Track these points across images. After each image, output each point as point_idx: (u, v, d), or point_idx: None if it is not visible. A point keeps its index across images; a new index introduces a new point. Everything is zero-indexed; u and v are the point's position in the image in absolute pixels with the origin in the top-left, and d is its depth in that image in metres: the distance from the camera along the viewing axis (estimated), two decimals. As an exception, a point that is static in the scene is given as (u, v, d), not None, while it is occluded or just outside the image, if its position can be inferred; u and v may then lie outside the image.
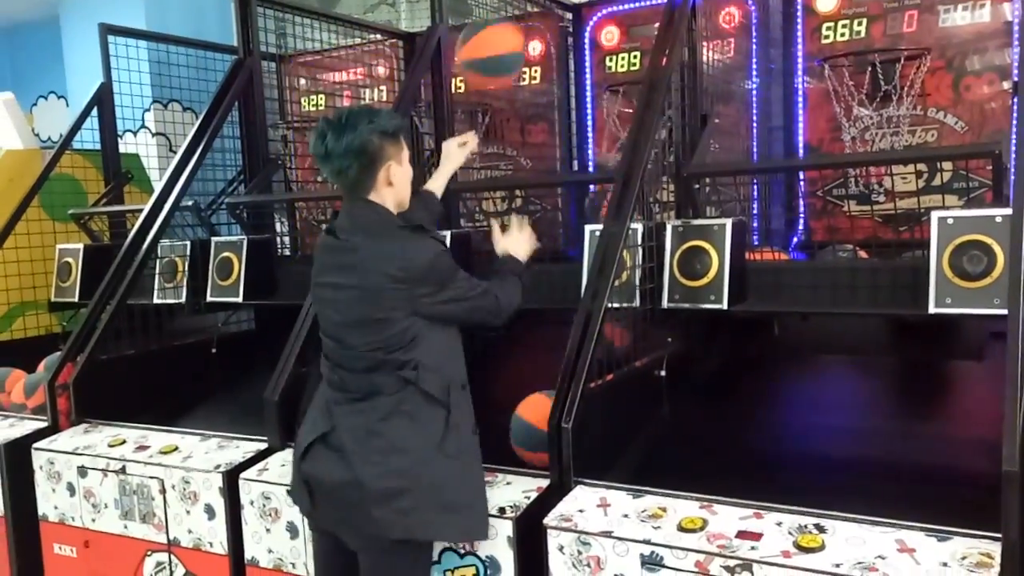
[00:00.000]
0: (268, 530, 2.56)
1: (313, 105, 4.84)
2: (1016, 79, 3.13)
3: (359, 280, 2.05)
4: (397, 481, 2.00)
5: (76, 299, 4.23)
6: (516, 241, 2.39)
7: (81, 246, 4.31)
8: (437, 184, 2.65)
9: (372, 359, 2.04)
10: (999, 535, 1.70)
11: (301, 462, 2.12)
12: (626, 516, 2.04)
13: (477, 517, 2.11)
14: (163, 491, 2.77)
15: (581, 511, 2.09)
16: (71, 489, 2.97)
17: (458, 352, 2.16)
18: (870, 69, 3.32)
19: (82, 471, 2.94)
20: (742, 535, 1.90)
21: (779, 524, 1.93)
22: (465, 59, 2.17)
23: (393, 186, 2.11)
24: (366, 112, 2.08)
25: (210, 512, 2.68)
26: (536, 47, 4.25)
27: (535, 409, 2.47)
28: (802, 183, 3.57)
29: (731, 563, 1.83)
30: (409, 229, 2.12)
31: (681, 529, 1.95)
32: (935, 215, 2.30)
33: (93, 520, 2.94)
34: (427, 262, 2.04)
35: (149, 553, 2.83)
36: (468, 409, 2.14)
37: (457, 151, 2.68)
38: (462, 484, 2.09)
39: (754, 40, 3.67)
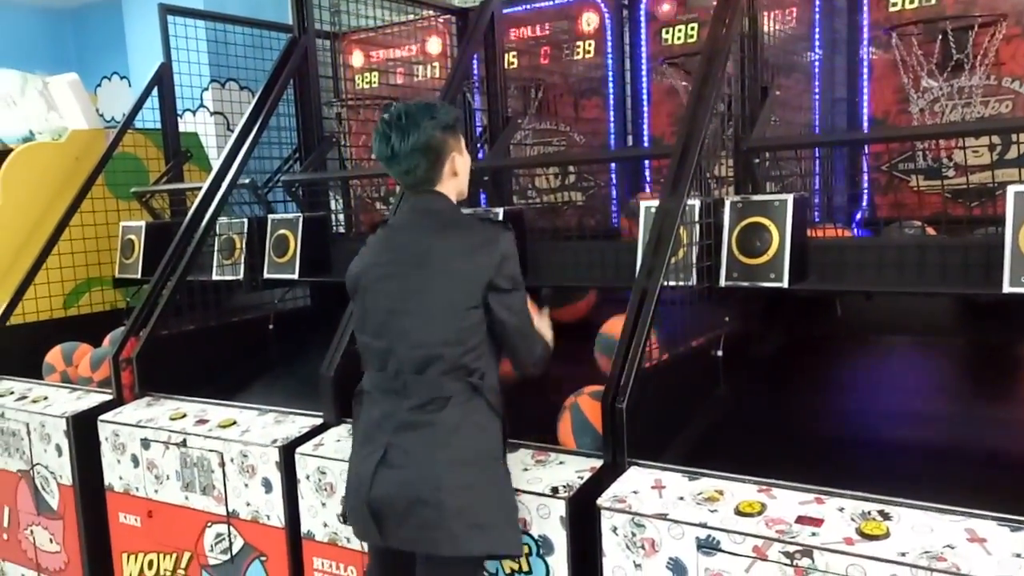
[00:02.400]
0: (324, 504, 2.60)
1: (367, 82, 4.85)
2: (1100, 46, 2.96)
3: (439, 265, 2.03)
4: (474, 495, 1.98)
5: (139, 275, 4.33)
6: (546, 329, 2.31)
7: (143, 223, 4.41)
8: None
9: (447, 360, 2.00)
10: (1077, 526, 1.62)
11: (369, 491, 2.01)
12: (681, 499, 2.00)
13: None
14: (222, 464, 2.82)
15: (635, 492, 2.06)
16: (135, 460, 3.06)
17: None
18: (940, 37, 3.17)
19: (145, 443, 3.02)
20: (802, 520, 1.85)
21: (841, 510, 1.87)
22: None
23: (457, 176, 2.13)
24: (425, 107, 2.07)
25: (267, 486, 2.73)
26: (591, 20, 4.17)
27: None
28: (866, 157, 3.45)
29: (791, 549, 1.78)
30: (488, 220, 2.16)
31: (738, 513, 1.90)
32: (1011, 189, 2.18)
33: (156, 491, 3.02)
34: (507, 253, 2.05)
35: (209, 524, 2.90)
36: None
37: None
38: (513, 496, 2.11)
39: (817, 9, 3.54)
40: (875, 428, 2.44)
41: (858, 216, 3.43)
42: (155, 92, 4.71)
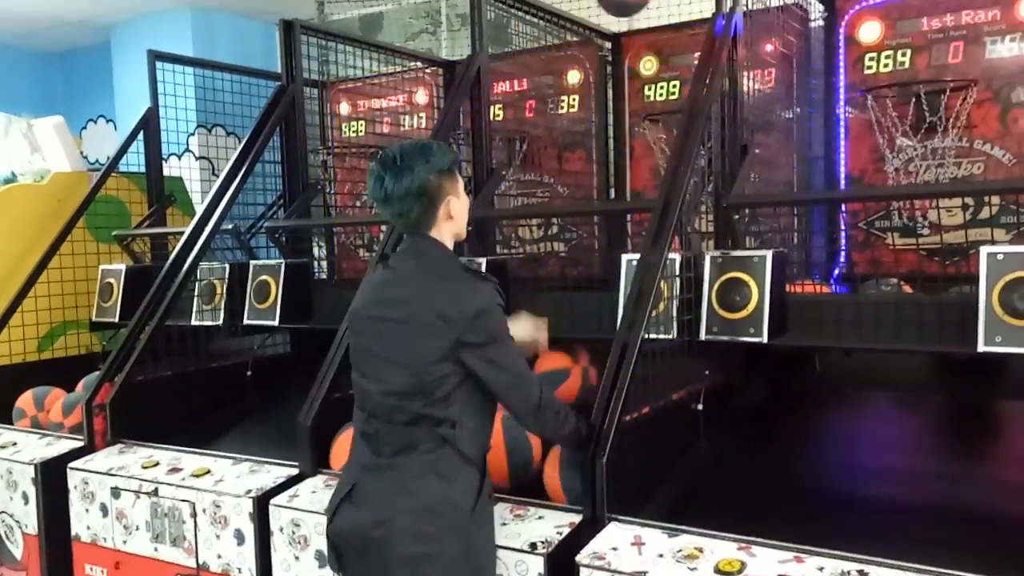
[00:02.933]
0: (297, 558, 2.54)
1: (353, 131, 4.89)
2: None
3: (409, 314, 1.99)
4: (425, 546, 1.93)
5: (117, 319, 4.29)
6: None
7: (123, 267, 4.38)
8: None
9: (410, 411, 1.98)
10: (1055, 588, 1.62)
11: (330, 523, 2.06)
12: (661, 556, 1.98)
13: None
14: (194, 514, 2.76)
15: (615, 549, 2.03)
16: (104, 510, 2.99)
17: (492, 417, 2.12)
18: (914, 100, 3.26)
19: (115, 492, 2.95)
20: (782, 579, 1.83)
21: (821, 569, 1.86)
22: None
23: (453, 219, 2.08)
24: (420, 150, 2.02)
25: (240, 537, 2.67)
26: (575, 76, 4.25)
27: None
28: (843, 215, 3.51)
29: (770, 608, 1.76)
30: (471, 272, 2.09)
31: (718, 571, 1.88)
32: (984, 251, 2.23)
33: (124, 542, 2.94)
34: (481, 307, 1.97)
35: (179, 577, 2.83)
36: (488, 474, 2.12)
37: (535, 332, 2.46)
38: (486, 552, 2.05)
39: (795, 70, 3.63)
40: (854, 484, 2.43)
41: (836, 272, 3.47)
42: (141, 136, 4.73)
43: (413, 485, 1.96)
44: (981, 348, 2.20)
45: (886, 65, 3.45)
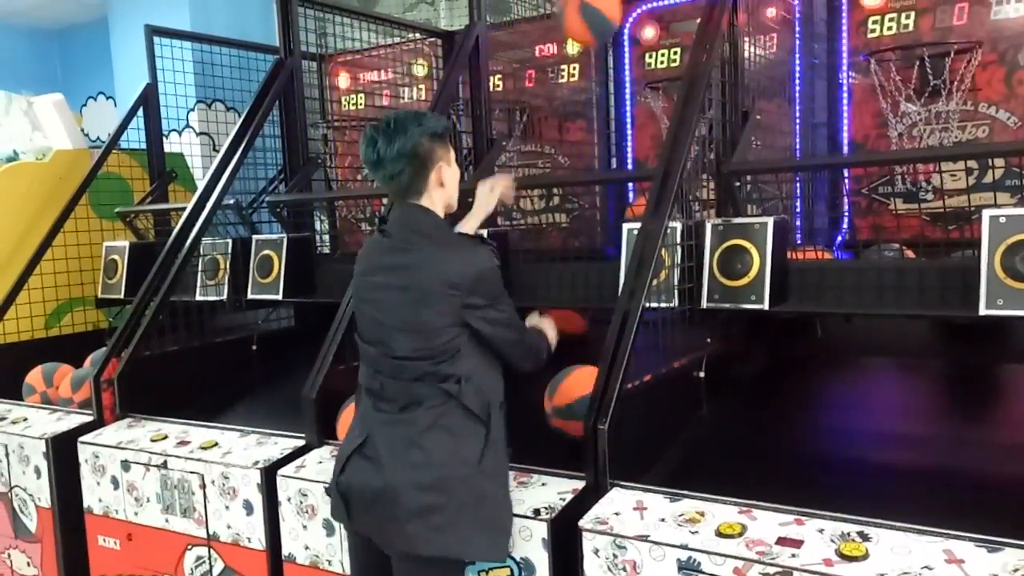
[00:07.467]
0: (305, 527, 2.58)
1: (353, 104, 4.87)
2: (1073, 73, 3.02)
3: (412, 281, 2.03)
4: (433, 496, 1.98)
5: (122, 295, 4.32)
6: (549, 328, 2.35)
7: (127, 244, 4.40)
8: (467, 229, 2.42)
9: (416, 368, 2.02)
10: (1052, 546, 1.64)
11: (340, 475, 2.10)
12: (663, 520, 2.01)
13: (507, 537, 2.10)
14: (203, 486, 2.80)
15: (617, 514, 2.06)
16: (115, 482, 3.03)
17: (498, 370, 2.15)
18: (918, 63, 3.22)
19: (125, 465, 2.99)
20: (782, 542, 1.85)
21: (821, 531, 1.88)
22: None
23: (444, 187, 2.12)
24: (413, 115, 2.07)
25: (248, 508, 2.71)
26: (575, 43, 4.21)
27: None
28: (847, 180, 3.49)
29: (770, 570, 1.78)
30: (468, 237, 2.16)
31: (719, 534, 1.91)
32: (986, 213, 2.22)
33: (136, 513, 2.99)
34: (482, 272, 2.04)
35: (189, 547, 2.87)
36: (504, 428, 2.13)
37: (487, 195, 2.49)
38: (498, 503, 2.08)
39: (797, 35, 3.59)
40: (855, 449, 2.45)
41: (839, 238, 3.46)
42: (141, 112, 4.72)
43: (420, 439, 2.01)
44: (983, 311, 2.20)
45: (889, 28, 3.40)
